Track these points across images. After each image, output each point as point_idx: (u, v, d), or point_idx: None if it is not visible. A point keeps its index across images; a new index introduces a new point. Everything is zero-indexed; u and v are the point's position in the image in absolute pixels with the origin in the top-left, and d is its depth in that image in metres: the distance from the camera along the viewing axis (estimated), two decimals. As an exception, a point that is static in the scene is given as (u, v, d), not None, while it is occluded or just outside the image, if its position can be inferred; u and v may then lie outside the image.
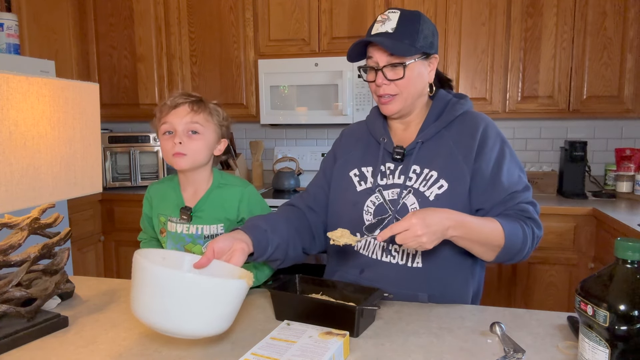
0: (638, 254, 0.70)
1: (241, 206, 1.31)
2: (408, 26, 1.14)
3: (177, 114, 1.24)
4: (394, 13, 1.16)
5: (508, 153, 1.19)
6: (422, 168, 1.18)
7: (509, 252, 1.10)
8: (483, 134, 1.19)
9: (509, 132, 2.98)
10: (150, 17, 3.02)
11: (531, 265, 2.45)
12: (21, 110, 0.88)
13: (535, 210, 1.16)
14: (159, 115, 1.28)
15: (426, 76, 1.20)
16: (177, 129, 1.23)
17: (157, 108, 1.29)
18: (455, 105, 1.23)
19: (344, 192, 1.26)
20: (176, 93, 1.28)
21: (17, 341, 0.95)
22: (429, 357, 0.89)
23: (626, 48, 2.51)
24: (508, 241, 1.08)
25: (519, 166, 1.21)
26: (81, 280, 1.33)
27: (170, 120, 1.24)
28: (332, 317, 0.96)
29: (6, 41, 2.33)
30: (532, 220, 1.14)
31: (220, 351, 0.91)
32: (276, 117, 2.85)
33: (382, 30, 1.15)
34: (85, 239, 2.81)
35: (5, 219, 1.01)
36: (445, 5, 2.66)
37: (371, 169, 1.24)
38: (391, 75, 1.15)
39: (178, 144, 1.22)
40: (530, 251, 1.14)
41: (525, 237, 1.10)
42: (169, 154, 1.25)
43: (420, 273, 1.15)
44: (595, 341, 0.72)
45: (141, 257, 0.86)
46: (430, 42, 1.18)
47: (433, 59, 1.20)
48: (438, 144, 1.19)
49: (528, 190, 1.18)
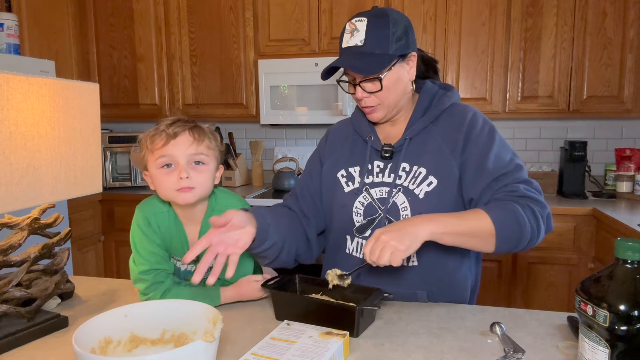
0: (638, 254, 0.70)
1: None
2: (377, 34, 1.09)
3: (178, 145, 1.09)
4: (361, 22, 1.10)
5: (497, 139, 1.15)
6: (412, 165, 1.16)
7: (509, 238, 1.03)
8: (469, 125, 1.16)
9: (509, 132, 2.98)
10: (150, 17, 3.02)
11: (531, 265, 2.45)
12: (21, 110, 0.88)
13: (529, 188, 1.08)
14: (150, 146, 1.10)
15: (406, 76, 1.17)
16: (179, 162, 1.09)
17: (145, 138, 1.12)
18: (442, 99, 1.21)
19: (333, 194, 1.25)
20: (167, 120, 1.11)
21: (17, 341, 0.95)
22: (429, 357, 0.89)
23: (626, 48, 2.51)
24: (500, 226, 1.02)
25: (510, 151, 1.16)
26: (81, 280, 1.33)
27: (169, 153, 1.09)
28: (332, 317, 0.96)
29: (6, 41, 2.33)
30: (527, 198, 1.06)
31: (220, 351, 0.91)
32: (276, 117, 2.85)
33: (351, 44, 1.11)
34: (85, 239, 2.81)
35: (5, 219, 1.01)
36: (445, 5, 2.66)
37: (359, 168, 1.23)
38: (370, 88, 1.14)
39: (185, 179, 1.08)
40: (539, 231, 1.05)
41: (522, 218, 1.02)
42: (171, 189, 1.10)
43: (417, 271, 1.16)
44: (595, 341, 0.72)
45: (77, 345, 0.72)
46: (405, 42, 1.13)
47: (411, 56, 1.16)
48: (426, 140, 1.18)
49: (519, 171, 1.11)
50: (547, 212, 1.08)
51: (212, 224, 1.02)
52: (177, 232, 1.18)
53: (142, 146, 1.13)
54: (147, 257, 1.13)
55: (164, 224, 1.17)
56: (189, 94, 3.04)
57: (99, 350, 0.82)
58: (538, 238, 1.06)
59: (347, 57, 1.12)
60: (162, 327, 0.90)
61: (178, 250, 1.19)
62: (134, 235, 1.16)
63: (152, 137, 1.11)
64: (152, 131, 1.12)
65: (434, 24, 2.69)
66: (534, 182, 1.11)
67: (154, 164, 1.11)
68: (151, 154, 1.11)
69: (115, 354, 0.85)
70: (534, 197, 1.07)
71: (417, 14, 2.69)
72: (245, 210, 1.09)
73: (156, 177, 1.11)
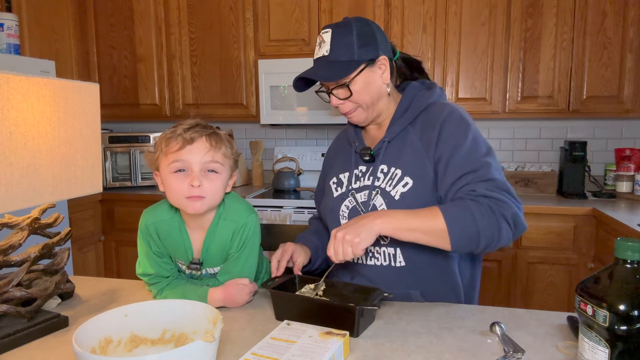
0: (638, 254, 0.70)
1: (234, 238, 1.17)
2: (341, 42, 1.14)
3: (194, 151, 1.07)
4: (327, 33, 1.16)
5: (470, 136, 1.13)
6: (389, 167, 1.18)
7: (462, 236, 1.01)
8: (442, 123, 1.15)
9: (509, 132, 2.99)
10: (150, 17, 3.02)
11: (531, 265, 2.45)
12: (21, 110, 0.89)
13: (491, 187, 1.05)
14: (165, 148, 1.08)
15: (379, 79, 1.18)
16: (192, 168, 1.07)
17: (161, 140, 1.11)
18: (420, 99, 1.21)
19: (326, 201, 1.31)
20: (185, 123, 1.10)
21: (17, 341, 0.95)
22: (429, 357, 0.89)
23: (626, 48, 2.51)
24: (451, 224, 1.01)
25: (483, 148, 1.13)
26: (81, 280, 1.33)
27: (184, 158, 1.06)
28: (332, 317, 0.97)
29: (6, 41, 2.33)
30: (487, 197, 1.04)
31: (220, 351, 0.91)
32: (276, 117, 2.85)
33: (319, 55, 1.17)
34: (86, 239, 2.81)
35: (6, 219, 1.01)
36: (445, 5, 2.66)
37: (347, 174, 1.27)
38: (341, 95, 1.18)
39: (196, 187, 1.06)
40: (500, 231, 1.02)
41: (475, 216, 1.01)
42: (181, 195, 1.08)
43: (406, 271, 1.17)
44: (595, 341, 0.72)
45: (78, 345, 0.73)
46: (372, 47, 1.15)
47: (381, 60, 1.17)
48: (404, 141, 1.20)
49: (486, 168, 1.08)
50: (512, 211, 1.04)
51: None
52: (181, 238, 1.17)
53: (157, 147, 1.12)
54: (143, 260, 1.18)
55: (165, 230, 1.17)
56: (189, 94, 3.04)
57: (99, 350, 0.82)
58: (500, 237, 1.03)
59: (313, 68, 1.18)
60: (162, 327, 0.90)
61: (181, 255, 1.19)
62: (138, 238, 1.19)
63: (168, 139, 1.08)
64: (168, 133, 1.10)
65: (434, 24, 2.69)
66: (499, 180, 1.08)
67: (166, 167, 1.09)
68: (165, 157, 1.09)
69: (115, 354, 0.85)
70: (495, 196, 1.04)
71: (417, 14, 2.69)
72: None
73: (167, 180, 1.09)
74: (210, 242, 1.17)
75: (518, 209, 1.06)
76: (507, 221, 1.03)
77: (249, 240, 1.17)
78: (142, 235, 1.17)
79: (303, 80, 1.20)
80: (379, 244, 1.17)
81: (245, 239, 1.17)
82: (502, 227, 1.03)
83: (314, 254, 1.30)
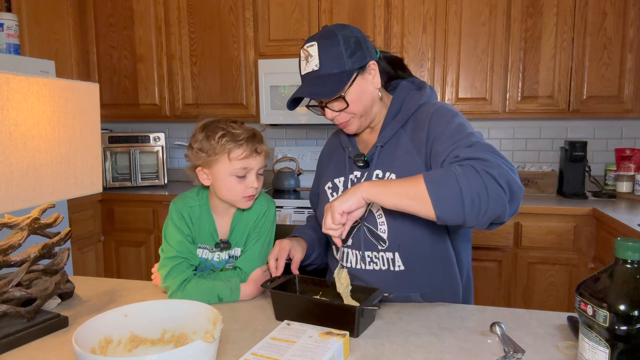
0: (638, 254, 0.70)
1: (258, 221, 1.30)
2: (330, 54, 1.11)
3: (257, 159, 1.23)
4: (312, 46, 1.13)
5: (457, 121, 1.10)
6: (384, 172, 1.18)
7: (446, 198, 0.94)
8: (430, 120, 1.14)
9: (509, 132, 2.99)
10: (150, 17, 3.02)
11: (531, 265, 2.45)
12: (21, 110, 0.88)
13: (474, 150, 1.00)
14: (230, 154, 1.19)
15: (370, 86, 1.17)
16: (252, 173, 1.23)
17: (218, 142, 1.19)
18: (410, 101, 1.20)
19: (322, 206, 1.30)
20: (240, 129, 1.21)
21: (17, 341, 0.95)
22: (429, 357, 0.89)
23: (626, 48, 2.51)
24: (432, 185, 0.95)
25: (469, 130, 1.09)
26: (81, 280, 1.33)
27: (250, 166, 1.22)
28: (332, 317, 0.97)
29: (6, 41, 2.33)
30: (470, 159, 0.98)
31: (220, 351, 0.91)
32: (276, 117, 2.85)
33: (308, 70, 1.14)
34: (85, 239, 2.81)
35: (5, 219, 1.01)
36: (445, 5, 2.66)
37: (342, 179, 1.27)
38: (337, 107, 1.17)
39: (254, 189, 1.23)
40: (488, 190, 0.93)
41: (457, 175, 0.95)
42: (239, 195, 1.23)
43: (406, 275, 1.16)
44: (595, 341, 0.72)
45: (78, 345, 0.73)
46: (361, 54, 1.14)
47: (371, 65, 1.16)
48: (396, 145, 1.19)
49: (469, 138, 1.04)
50: (500, 169, 0.95)
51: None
52: (208, 223, 1.29)
53: (213, 148, 1.19)
54: (174, 245, 1.23)
55: (195, 216, 1.29)
56: (189, 94, 3.04)
57: (99, 350, 0.82)
58: (489, 197, 0.94)
59: (306, 85, 1.16)
60: (162, 327, 0.90)
61: (207, 239, 1.30)
62: (166, 227, 1.27)
63: (231, 147, 1.19)
64: (226, 137, 1.19)
65: (434, 24, 2.69)
66: (484, 143, 1.03)
67: (228, 169, 1.20)
68: (229, 161, 1.20)
69: (115, 354, 0.85)
70: (479, 156, 0.97)
71: (417, 14, 2.69)
72: (294, 236, 1.31)
73: (226, 180, 1.22)
74: (236, 223, 1.30)
75: (509, 168, 0.98)
76: (495, 179, 0.94)
77: (267, 225, 1.31)
78: (178, 222, 1.26)
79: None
80: (377, 249, 1.16)
81: (265, 223, 1.30)
82: (488, 185, 0.93)
83: (310, 247, 1.30)
